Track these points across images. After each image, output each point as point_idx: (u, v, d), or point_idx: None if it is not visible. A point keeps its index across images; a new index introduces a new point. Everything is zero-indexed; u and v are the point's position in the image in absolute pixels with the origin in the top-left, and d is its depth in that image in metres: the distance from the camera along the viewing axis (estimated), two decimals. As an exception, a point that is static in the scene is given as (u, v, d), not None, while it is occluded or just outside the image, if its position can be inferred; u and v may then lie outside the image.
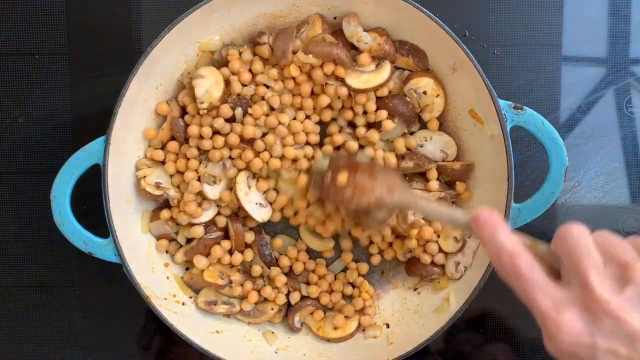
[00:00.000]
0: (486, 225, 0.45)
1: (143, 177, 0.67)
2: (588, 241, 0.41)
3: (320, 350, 0.70)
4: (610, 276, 0.39)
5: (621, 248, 0.41)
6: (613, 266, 0.40)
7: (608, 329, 0.38)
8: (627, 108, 0.73)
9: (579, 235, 0.41)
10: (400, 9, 0.63)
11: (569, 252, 0.41)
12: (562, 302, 0.40)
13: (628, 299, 0.38)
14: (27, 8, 0.72)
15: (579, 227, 0.42)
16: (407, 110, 0.68)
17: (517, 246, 0.43)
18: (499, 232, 0.44)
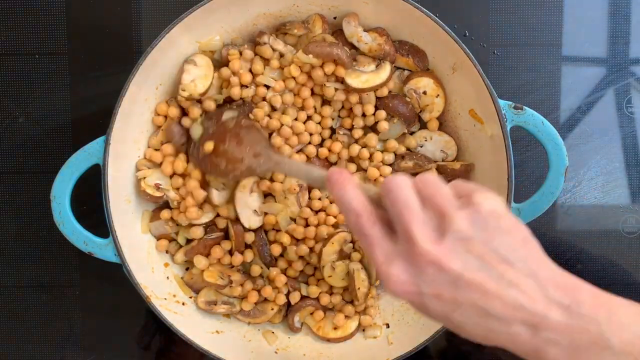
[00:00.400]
0: (336, 183, 0.47)
1: (143, 178, 0.67)
2: (407, 191, 0.43)
3: (320, 350, 0.70)
4: (430, 226, 0.42)
5: (439, 194, 0.42)
6: (433, 215, 0.42)
7: (431, 277, 0.41)
8: (627, 108, 0.73)
9: (397, 186, 0.43)
10: (400, 9, 0.63)
11: (392, 205, 0.43)
12: (392, 255, 0.43)
13: (447, 247, 0.41)
14: (27, 8, 0.72)
15: (397, 178, 0.44)
16: (407, 110, 0.68)
17: (361, 204, 0.45)
18: (347, 190, 0.46)
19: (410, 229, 0.42)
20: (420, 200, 0.43)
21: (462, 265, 0.40)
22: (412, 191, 0.43)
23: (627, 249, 0.73)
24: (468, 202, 0.42)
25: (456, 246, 0.41)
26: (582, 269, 0.73)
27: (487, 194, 0.43)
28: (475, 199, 0.42)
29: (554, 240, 0.73)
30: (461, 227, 0.41)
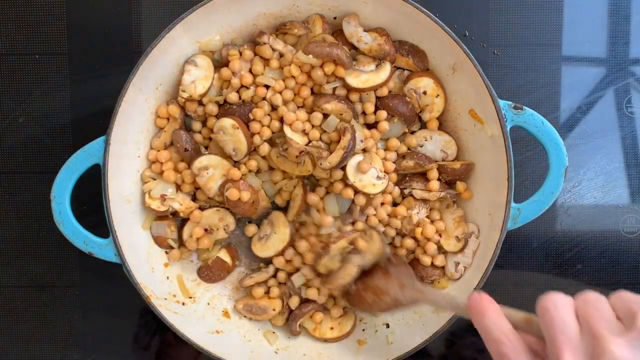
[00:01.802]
0: (476, 310, 0.45)
1: (148, 192, 0.67)
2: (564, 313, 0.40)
3: (320, 350, 0.70)
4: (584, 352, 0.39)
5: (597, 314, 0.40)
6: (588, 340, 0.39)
7: None
8: (627, 108, 0.73)
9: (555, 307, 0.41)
10: (400, 9, 0.63)
11: (547, 327, 0.41)
12: None
13: None
14: (27, 8, 0.72)
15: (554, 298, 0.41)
16: (407, 110, 0.68)
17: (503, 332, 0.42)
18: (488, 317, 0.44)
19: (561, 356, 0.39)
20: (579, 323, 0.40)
21: None
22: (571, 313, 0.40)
23: (627, 249, 0.73)
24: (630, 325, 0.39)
25: None
26: (582, 269, 0.73)
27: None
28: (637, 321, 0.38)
29: (554, 240, 0.73)
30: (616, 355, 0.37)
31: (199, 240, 0.69)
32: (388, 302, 0.63)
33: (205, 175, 0.66)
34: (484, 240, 0.66)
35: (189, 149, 0.67)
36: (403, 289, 0.62)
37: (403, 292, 0.62)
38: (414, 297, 0.61)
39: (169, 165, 0.68)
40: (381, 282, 0.64)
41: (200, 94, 0.66)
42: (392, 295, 0.63)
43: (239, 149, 0.66)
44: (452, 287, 0.68)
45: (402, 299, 0.62)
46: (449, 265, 0.69)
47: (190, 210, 0.68)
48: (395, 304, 0.63)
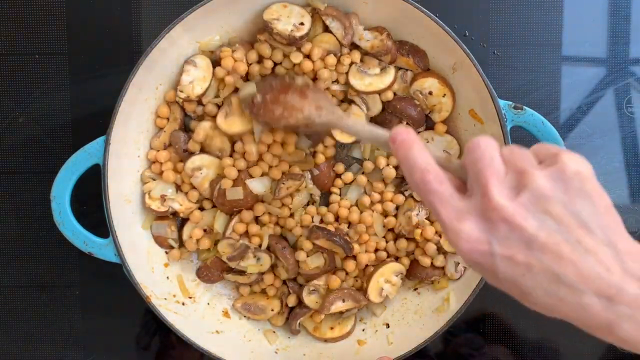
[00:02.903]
0: (402, 143, 0.45)
1: (148, 192, 0.67)
2: (493, 152, 0.41)
3: (320, 350, 0.70)
4: (508, 184, 0.40)
5: (522, 156, 0.41)
6: (512, 174, 0.40)
7: (504, 235, 0.39)
8: (627, 108, 0.73)
9: (485, 146, 0.41)
10: (400, 9, 0.63)
11: (474, 162, 0.41)
12: (463, 212, 0.41)
13: (522, 204, 0.39)
14: (27, 8, 0.72)
15: (486, 139, 0.42)
16: (416, 113, 0.68)
17: (428, 163, 0.43)
18: (413, 149, 0.44)
19: (488, 184, 0.40)
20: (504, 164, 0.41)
21: (538, 225, 0.38)
22: (498, 153, 0.41)
23: (627, 249, 0.73)
24: (552, 162, 0.40)
25: (533, 205, 0.38)
26: (582, 269, 0.73)
27: (574, 155, 0.41)
28: (560, 158, 0.40)
29: (554, 240, 0.73)
30: (540, 185, 0.39)
31: (199, 241, 0.69)
32: (299, 118, 0.61)
33: (199, 175, 0.66)
34: (484, 240, 0.66)
35: (188, 150, 0.67)
36: (320, 110, 0.61)
37: (319, 114, 0.60)
38: (331, 120, 0.60)
39: (169, 165, 0.68)
40: (295, 99, 0.61)
41: (198, 94, 0.66)
42: (306, 113, 0.61)
43: (224, 149, 0.67)
44: (452, 287, 0.68)
45: (316, 119, 0.60)
46: (448, 266, 0.69)
47: (190, 210, 0.68)
48: (307, 123, 0.61)
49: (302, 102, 0.61)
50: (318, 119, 0.61)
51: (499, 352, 0.74)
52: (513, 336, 0.74)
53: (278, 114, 0.62)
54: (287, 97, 0.62)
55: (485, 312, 0.73)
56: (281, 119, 0.62)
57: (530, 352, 0.74)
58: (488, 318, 0.73)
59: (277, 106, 0.62)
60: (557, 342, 0.74)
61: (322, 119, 0.61)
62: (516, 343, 0.74)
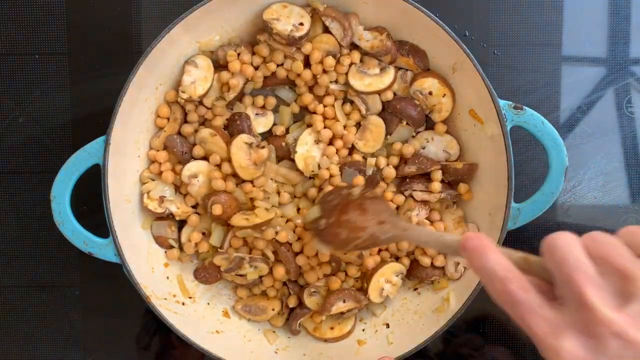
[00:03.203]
0: (475, 251, 0.41)
1: (147, 192, 0.67)
2: (577, 251, 0.37)
3: (320, 350, 0.70)
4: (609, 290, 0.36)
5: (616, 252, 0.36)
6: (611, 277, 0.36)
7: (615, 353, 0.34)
8: (627, 108, 0.73)
9: (565, 246, 0.37)
10: (400, 9, 0.63)
11: (559, 267, 0.37)
12: (560, 326, 0.36)
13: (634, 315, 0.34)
14: (27, 8, 0.72)
15: (564, 236, 0.38)
16: (416, 113, 0.68)
17: (508, 270, 0.39)
18: (489, 257, 0.40)
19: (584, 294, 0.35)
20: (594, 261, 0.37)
21: None
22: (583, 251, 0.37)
23: (627, 249, 0.73)
24: None
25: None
26: (582, 269, 0.73)
27: None
28: None
29: (554, 240, 0.73)
30: None
31: (198, 244, 0.69)
32: (364, 238, 0.58)
33: (195, 183, 0.66)
34: (484, 240, 0.66)
35: (186, 152, 0.67)
36: (382, 225, 0.58)
37: (382, 228, 0.58)
38: (395, 233, 0.57)
39: (167, 166, 0.68)
40: (357, 217, 0.59)
41: (200, 95, 0.66)
42: (370, 231, 0.58)
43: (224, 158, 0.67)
44: (452, 286, 0.68)
45: (380, 236, 0.58)
46: (448, 266, 0.69)
47: (187, 214, 0.68)
48: (373, 241, 0.58)
49: (364, 219, 0.59)
50: (383, 235, 0.58)
51: (499, 352, 0.74)
52: (513, 336, 0.74)
53: (344, 236, 0.60)
54: (349, 215, 0.60)
55: (485, 313, 0.73)
56: (348, 241, 0.59)
57: (530, 352, 0.74)
58: (488, 318, 0.73)
59: (341, 229, 0.60)
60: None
61: (388, 234, 0.58)
62: (516, 343, 0.74)
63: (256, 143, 0.66)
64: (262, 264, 0.67)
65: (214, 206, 0.65)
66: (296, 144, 0.68)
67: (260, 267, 0.67)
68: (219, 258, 0.67)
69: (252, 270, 0.68)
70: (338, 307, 0.67)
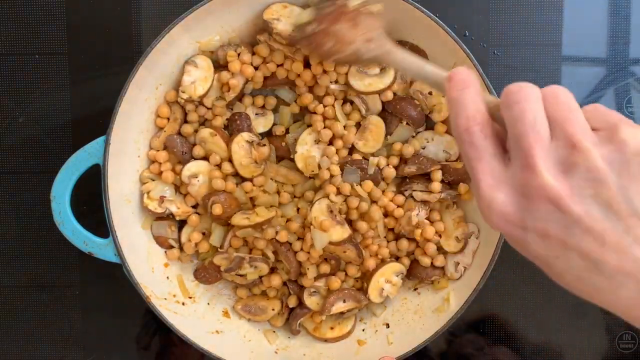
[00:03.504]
0: (459, 82, 0.40)
1: (147, 192, 0.67)
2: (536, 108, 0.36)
3: (320, 350, 0.70)
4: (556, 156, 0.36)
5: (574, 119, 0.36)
6: (561, 144, 0.35)
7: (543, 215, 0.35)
8: (627, 108, 0.73)
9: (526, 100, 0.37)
10: (400, 9, 0.63)
11: (515, 122, 0.37)
12: (500, 178, 0.37)
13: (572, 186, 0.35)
14: (27, 8, 0.72)
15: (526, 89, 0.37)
16: (417, 113, 0.67)
17: (478, 110, 0.39)
18: (468, 90, 0.39)
19: (531, 155, 0.35)
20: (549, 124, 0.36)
21: (585, 210, 0.34)
22: (542, 109, 0.36)
23: (627, 249, 0.73)
24: (610, 137, 0.35)
25: (583, 187, 0.35)
26: (582, 269, 0.73)
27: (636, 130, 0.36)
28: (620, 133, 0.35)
29: (554, 240, 0.73)
30: (595, 166, 0.34)
31: (198, 244, 0.69)
32: (348, 53, 0.58)
33: (195, 183, 0.66)
34: (483, 240, 0.66)
35: (186, 151, 0.67)
36: (369, 43, 0.57)
37: (368, 46, 0.57)
38: (379, 55, 0.56)
39: (167, 166, 0.68)
40: (347, 29, 0.58)
41: (200, 95, 0.66)
42: (355, 47, 0.57)
43: (224, 158, 0.67)
44: (452, 286, 0.68)
45: (364, 53, 0.57)
46: (448, 265, 0.69)
47: (187, 214, 0.68)
48: (356, 57, 0.58)
49: (353, 33, 0.57)
50: (367, 54, 0.57)
51: (500, 352, 0.74)
52: (514, 336, 0.74)
53: (328, 46, 0.58)
54: (339, 27, 0.58)
55: (486, 313, 0.73)
56: (331, 52, 0.58)
57: (531, 352, 0.74)
58: (489, 318, 0.73)
59: (328, 38, 0.58)
60: (559, 343, 0.74)
61: (371, 53, 0.56)
62: (517, 343, 0.74)
63: (257, 141, 0.66)
64: (262, 264, 0.67)
65: (214, 206, 0.65)
66: (296, 144, 0.68)
67: (260, 267, 0.67)
68: (219, 258, 0.67)
69: (252, 270, 0.68)
70: (338, 307, 0.67)
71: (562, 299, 0.72)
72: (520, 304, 0.73)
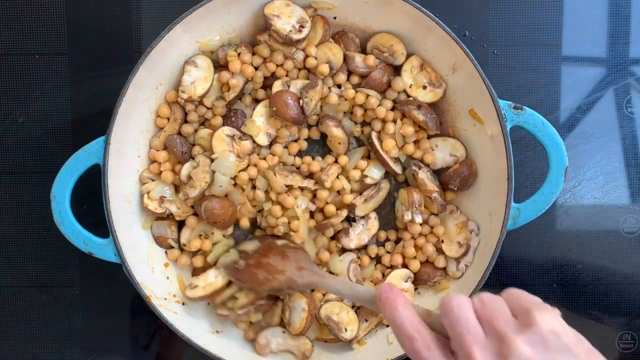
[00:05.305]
0: (387, 303, 0.46)
1: (147, 192, 0.67)
2: (468, 314, 0.43)
3: (320, 350, 0.70)
4: (492, 350, 0.41)
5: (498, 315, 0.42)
6: (493, 338, 0.41)
7: None
8: (627, 108, 0.73)
9: (458, 308, 0.43)
10: (400, 9, 0.63)
11: (452, 327, 0.43)
12: None
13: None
14: (27, 8, 0.72)
15: (458, 299, 0.43)
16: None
17: (415, 328, 0.44)
18: (399, 311, 0.45)
19: (471, 353, 0.41)
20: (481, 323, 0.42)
21: None
22: (472, 313, 0.43)
23: (627, 249, 0.73)
24: (527, 323, 0.42)
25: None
26: (582, 269, 0.73)
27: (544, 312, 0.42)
28: (533, 318, 0.41)
29: (554, 240, 0.73)
30: (522, 352, 0.40)
31: (201, 244, 0.69)
32: (281, 280, 0.62)
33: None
34: (484, 240, 0.66)
35: (186, 151, 0.67)
36: (301, 270, 0.62)
37: (300, 273, 0.61)
38: (312, 280, 0.61)
39: (167, 166, 0.68)
40: (277, 261, 0.63)
41: (200, 95, 0.66)
42: (288, 275, 0.62)
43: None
44: (452, 286, 0.68)
45: (298, 281, 0.62)
46: (450, 265, 0.69)
47: (186, 215, 0.68)
48: (289, 285, 0.62)
49: (283, 264, 0.63)
50: (300, 280, 0.62)
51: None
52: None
53: (261, 277, 0.63)
54: (269, 259, 0.63)
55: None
56: (265, 282, 0.63)
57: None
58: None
59: (259, 270, 0.63)
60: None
61: (305, 279, 0.62)
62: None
63: (238, 135, 0.66)
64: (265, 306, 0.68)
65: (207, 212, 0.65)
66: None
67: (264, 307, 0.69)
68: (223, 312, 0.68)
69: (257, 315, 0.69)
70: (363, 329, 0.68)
71: (561, 299, 0.72)
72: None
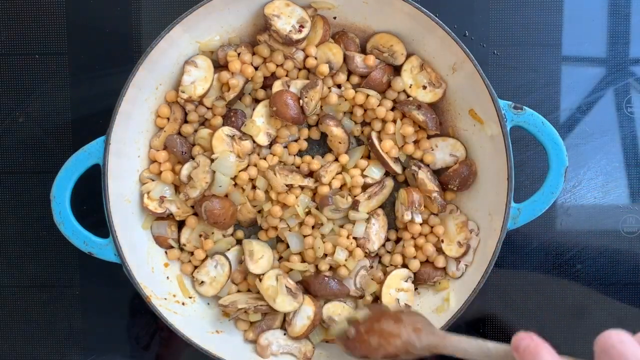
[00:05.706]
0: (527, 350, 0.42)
1: (147, 193, 0.67)
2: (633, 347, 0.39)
3: (320, 350, 0.70)
4: None
5: None
6: None
7: None
8: (627, 108, 0.73)
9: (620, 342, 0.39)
10: (400, 9, 0.63)
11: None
12: None
13: None
14: (27, 8, 0.72)
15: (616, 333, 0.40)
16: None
17: None
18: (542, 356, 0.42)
19: None
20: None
21: None
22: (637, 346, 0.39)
23: (627, 249, 0.73)
24: None
25: None
26: (582, 269, 0.73)
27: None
28: None
29: (554, 240, 0.73)
30: None
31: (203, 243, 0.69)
32: (397, 345, 0.56)
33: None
34: (483, 240, 0.66)
35: (186, 152, 0.67)
36: (418, 332, 0.56)
37: (419, 336, 0.55)
38: (432, 341, 0.55)
39: (167, 166, 0.68)
40: (390, 325, 0.57)
41: (200, 95, 0.66)
42: (405, 339, 0.56)
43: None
44: (452, 286, 0.68)
45: (416, 344, 0.55)
46: (449, 264, 0.69)
47: (186, 215, 0.68)
48: (407, 349, 0.56)
49: (397, 327, 0.57)
50: (419, 343, 0.55)
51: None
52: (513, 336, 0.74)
53: (375, 343, 0.57)
54: (381, 324, 0.57)
55: (485, 313, 0.73)
56: (379, 348, 0.57)
57: (530, 352, 0.74)
58: (488, 318, 0.73)
59: (372, 336, 0.57)
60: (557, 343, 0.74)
61: (423, 342, 0.55)
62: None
63: (238, 135, 0.66)
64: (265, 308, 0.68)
65: (207, 212, 0.65)
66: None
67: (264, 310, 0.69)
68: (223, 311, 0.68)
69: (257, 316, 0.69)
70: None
71: (561, 299, 0.72)
72: (520, 304, 0.73)
